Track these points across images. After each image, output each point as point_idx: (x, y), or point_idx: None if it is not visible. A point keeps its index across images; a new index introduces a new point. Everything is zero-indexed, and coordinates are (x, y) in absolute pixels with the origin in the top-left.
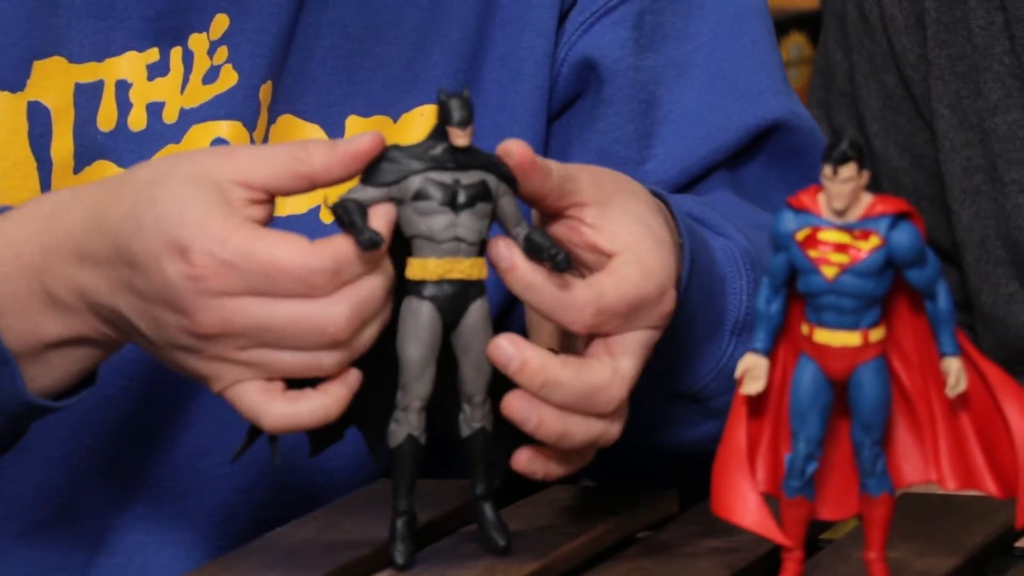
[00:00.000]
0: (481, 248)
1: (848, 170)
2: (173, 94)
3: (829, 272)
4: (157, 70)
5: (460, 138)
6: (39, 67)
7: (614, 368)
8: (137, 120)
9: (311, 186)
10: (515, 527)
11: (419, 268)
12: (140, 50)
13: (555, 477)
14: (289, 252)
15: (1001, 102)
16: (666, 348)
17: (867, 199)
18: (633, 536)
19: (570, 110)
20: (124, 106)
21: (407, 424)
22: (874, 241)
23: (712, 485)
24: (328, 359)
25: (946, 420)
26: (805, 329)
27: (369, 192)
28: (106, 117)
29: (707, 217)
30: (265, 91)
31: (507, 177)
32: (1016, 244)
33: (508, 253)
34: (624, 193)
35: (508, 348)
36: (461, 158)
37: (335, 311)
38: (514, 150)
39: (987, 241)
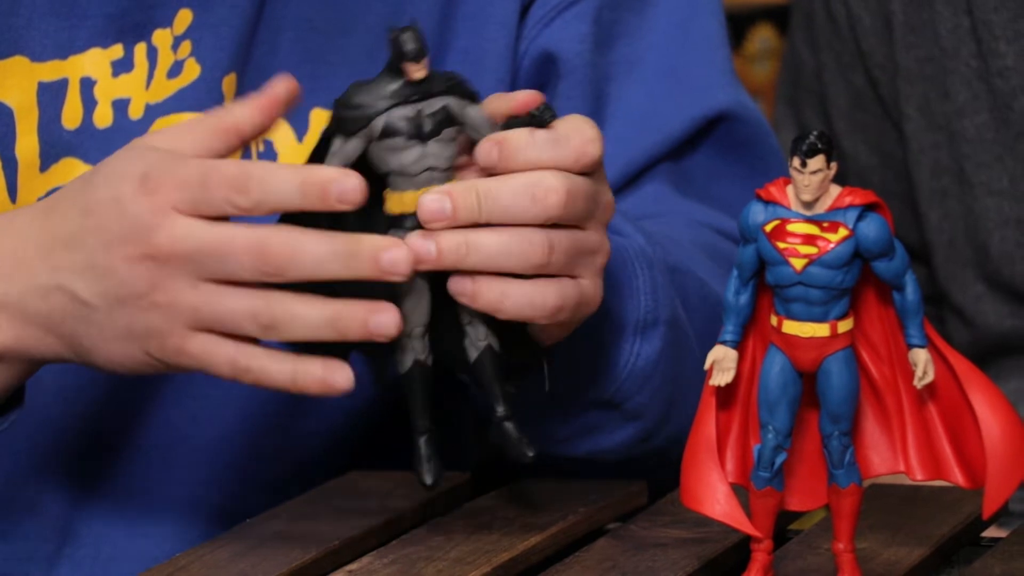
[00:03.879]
0: (452, 172)
1: (817, 162)
2: (138, 90)
3: (798, 264)
4: (121, 66)
5: (417, 72)
6: (0, 67)
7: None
8: (103, 117)
9: (239, 139)
10: (484, 519)
11: (397, 202)
12: (104, 47)
13: (484, 301)
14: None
15: (968, 104)
16: (574, 354)
17: (835, 191)
18: (602, 527)
19: None
20: (89, 103)
21: (412, 350)
22: (842, 232)
23: (681, 476)
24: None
25: (914, 411)
26: (774, 320)
27: (349, 145)
28: (71, 115)
29: None
30: (229, 83)
31: (467, 93)
32: (983, 245)
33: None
34: None
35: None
36: (421, 88)
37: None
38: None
39: (955, 242)
